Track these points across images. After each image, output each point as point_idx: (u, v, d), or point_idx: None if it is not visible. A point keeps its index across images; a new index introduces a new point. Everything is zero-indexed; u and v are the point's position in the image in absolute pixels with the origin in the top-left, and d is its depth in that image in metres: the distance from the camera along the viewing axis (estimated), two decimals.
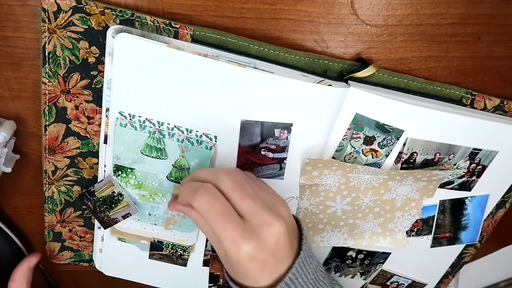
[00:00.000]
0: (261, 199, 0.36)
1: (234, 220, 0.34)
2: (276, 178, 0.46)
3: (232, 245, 0.34)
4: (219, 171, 0.37)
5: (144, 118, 0.41)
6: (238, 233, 0.34)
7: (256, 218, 0.35)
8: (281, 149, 0.43)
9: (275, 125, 0.42)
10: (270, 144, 0.43)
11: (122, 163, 0.44)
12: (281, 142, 0.43)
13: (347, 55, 0.43)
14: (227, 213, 0.35)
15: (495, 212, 0.55)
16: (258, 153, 0.43)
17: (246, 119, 0.41)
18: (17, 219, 0.51)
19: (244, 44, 0.40)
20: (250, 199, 0.35)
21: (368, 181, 0.47)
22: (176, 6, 0.39)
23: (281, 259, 0.36)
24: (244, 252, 0.34)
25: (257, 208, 0.35)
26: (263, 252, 0.34)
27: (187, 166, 0.44)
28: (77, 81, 0.41)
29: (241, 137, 0.42)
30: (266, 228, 0.34)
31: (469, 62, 0.45)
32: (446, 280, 0.63)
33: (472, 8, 0.42)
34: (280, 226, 0.35)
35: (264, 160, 0.44)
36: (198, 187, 0.36)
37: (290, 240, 0.36)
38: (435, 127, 0.44)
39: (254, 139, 0.42)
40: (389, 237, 0.53)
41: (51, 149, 0.44)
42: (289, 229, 0.36)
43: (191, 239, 0.50)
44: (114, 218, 0.48)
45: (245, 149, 0.43)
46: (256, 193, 0.36)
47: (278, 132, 0.42)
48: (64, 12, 0.37)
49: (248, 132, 0.42)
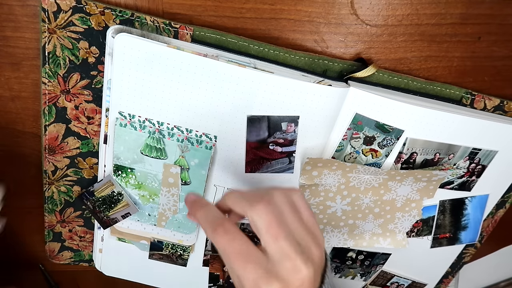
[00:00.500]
0: (296, 239, 0.33)
1: (254, 260, 0.32)
2: (286, 172, 0.45)
3: (252, 286, 0.32)
4: (258, 202, 0.33)
5: (144, 118, 0.41)
6: (259, 274, 0.32)
7: (285, 262, 0.32)
8: (289, 142, 0.43)
9: (281, 118, 0.41)
10: (278, 138, 0.43)
11: (122, 163, 0.44)
12: (289, 136, 0.43)
13: (347, 55, 0.43)
14: (246, 253, 0.32)
15: (495, 212, 0.55)
16: (266, 148, 0.43)
17: (252, 114, 0.41)
18: (17, 219, 0.51)
19: (244, 44, 0.40)
20: (284, 240, 0.32)
21: (368, 181, 0.47)
22: (176, 6, 0.39)
23: None
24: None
25: (289, 251, 0.32)
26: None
27: (187, 166, 0.44)
28: (77, 81, 0.41)
29: (248, 133, 0.42)
30: (294, 273, 0.32)
31: (469, 62, 0.45)
32: (446, 280, 0.63)
33: (472, 8, 0.42)
34: (308, 272, 0.33)
35: (272, 155, 0.43)
36: (217, 224, 0.34)
37: (314, 281, 0.34)
38: (435, 127, 0.44)
39: (262, 134, 0.42)
40: (389, 238, 0.53)
41: (51, 149, 0.44)
42: (316, 271, 0.34)
43: (191, 239, 0.50)
44: (114, 218, 0.48)
45: (253, 144, 0.43)
46: (293, 231, 0.33)
47: (285, 125, 0.42)
48: (64, 12, 0.37)
49: (255, 127, 0.42)
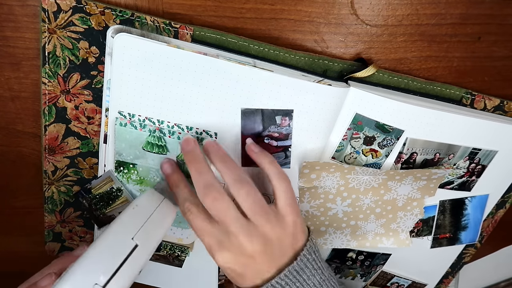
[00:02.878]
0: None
1: (209, 234, 0.39)
2: (283, 167, 0.45)
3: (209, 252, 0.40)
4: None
5: (144, 117, 0.41)
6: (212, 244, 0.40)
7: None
8: (285, 136, 0.43)
9: (275, 112, 0.41)
10: (272, 132, 0.43)
11: (124, 159, 0.44)
12: (284, 130, 0.42)
13: (347, 55, 0.43)
14: (202, 229, 0.40)
15: (495, 212, 0.55)
16: (261, 142, 0.43)
17: (246, 107, 0.41)
18: (17, 219, 0.51)
19: (244, 44, 0.40)
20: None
21: (368, 182, 0.47)
22: (176, 6, 0.39)
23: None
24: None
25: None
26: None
27: None
28: (77, 81, 0.41)
29: (243, 127, 0.42)
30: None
31: (469, 62, 0.45)
32: (446, 281, 0.63)
33: (472, 8, 0.42)
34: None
35: (268, 149, 0.43)
36: (186, 208, 0.40)
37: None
38: (435, 127, 0.44)
39: (256, 128, 0.42)
40: (393, 238, 0.53)
41: (51, 149, 0.44)
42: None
43: (191, 237, 0.50)
44: (111, 215, 0.48)
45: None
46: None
47: (280, 119, 0.42)
48: (64, 12, 0.37)
49: (249, 120, 0.42)
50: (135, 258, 0.37)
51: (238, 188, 0.37)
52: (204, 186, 0.37)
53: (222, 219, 0.37)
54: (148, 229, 0.39)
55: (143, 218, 0.39)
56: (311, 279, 0.39)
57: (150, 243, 0.39)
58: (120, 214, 0.40)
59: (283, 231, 0.38)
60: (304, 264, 0.38)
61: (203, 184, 0.37)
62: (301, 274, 0.38)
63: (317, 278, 0.39)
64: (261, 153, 0.40)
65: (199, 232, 0.39)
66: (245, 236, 0.37)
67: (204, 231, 0.38)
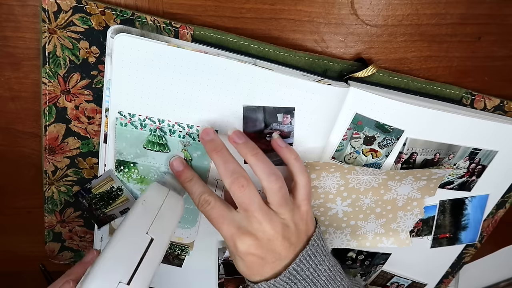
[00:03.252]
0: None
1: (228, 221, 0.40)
2: (285, 164, 0.45)
3: (229, 241, 0.41)
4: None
5: (144, 117, 0.41)
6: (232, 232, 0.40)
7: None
8: (286, 134, 0.43)
9: (277, 109, 0.42)
10: (274, 129, 0.43)
11: (124, 158, 0.44)
12: (285, 127, 0.43)
13: (347, 55, 0.43)
14: (222, 216, 0.40)
15: (495, 212, 0.55)
16: (263, 139, 0.43)
17: (247, 104, 0.41)
18: (17, 219, 0.51)
19: (244, 43, 0.40)
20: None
21: (368, 182, 0.47)
22: (176, 6, 0.39)
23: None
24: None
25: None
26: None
27: (190, 157, 0.44)
28: (77, 81, 0.41)
29: (245, 124, 0.42)
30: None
31: (469, 62, 0.45)
32: (446, 280, 0.63)
33: (472, 8, 0.42)
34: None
35: (270, 146, 0.43)
36: (203, 200, 0.41)
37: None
38: (435, 127, 0.44)
39: (258, 125, 0.42)
40: (393, 237, 0.53)
41: (51, 149, 0.44)
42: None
43: (191, 236, 0.50)
44: (111, 215, 0.48)
45: (250, 135, 0.43)
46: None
47: (281, 117, 0.42)
48: (64, 12, 0.37)
49: (251, 118, 0.42)
50: (153, 252, 0.38)
51: (272, 182, 0.39)
52: (232, 174, 0.39)
53: (247, 206, 0.39)
54: (160, 222, 0.40)
55: (153, 212, 0.40)
56: (322, 264, 0.41)
57: (165, 235, 0.40)
58: (130, 211, 0.40)
59: (299, 220, 0.41)
60: (315, 249, 0.41)
61: (230, 172, 0.39)
62: (313, 259, 0.41)
63: (326, 263, 0.42)
64: (287, 149, 0.42)
65: (218, 220, 0.40)
66: (268, 222, 0.39)
67: (224, 218, 0.40)
